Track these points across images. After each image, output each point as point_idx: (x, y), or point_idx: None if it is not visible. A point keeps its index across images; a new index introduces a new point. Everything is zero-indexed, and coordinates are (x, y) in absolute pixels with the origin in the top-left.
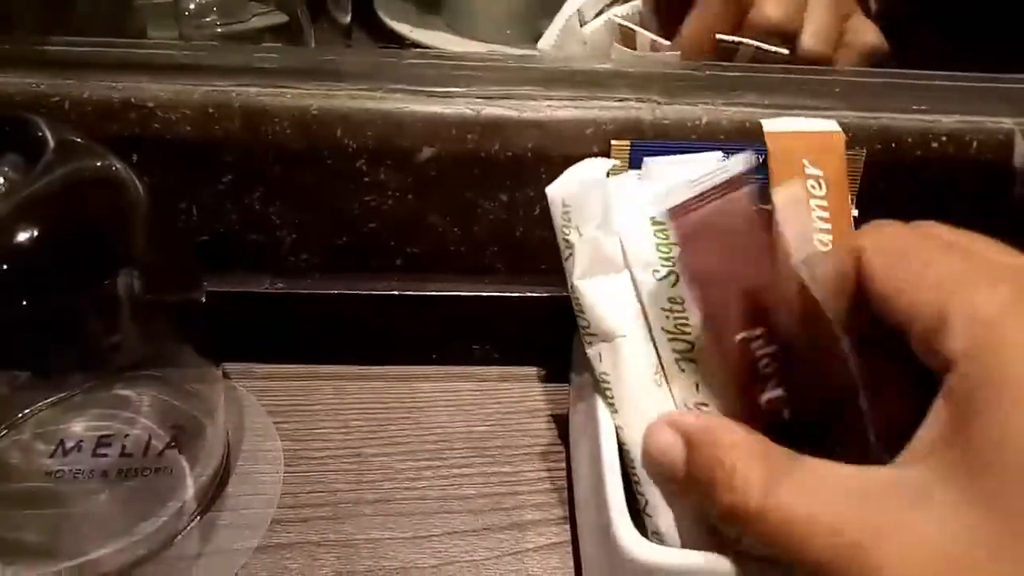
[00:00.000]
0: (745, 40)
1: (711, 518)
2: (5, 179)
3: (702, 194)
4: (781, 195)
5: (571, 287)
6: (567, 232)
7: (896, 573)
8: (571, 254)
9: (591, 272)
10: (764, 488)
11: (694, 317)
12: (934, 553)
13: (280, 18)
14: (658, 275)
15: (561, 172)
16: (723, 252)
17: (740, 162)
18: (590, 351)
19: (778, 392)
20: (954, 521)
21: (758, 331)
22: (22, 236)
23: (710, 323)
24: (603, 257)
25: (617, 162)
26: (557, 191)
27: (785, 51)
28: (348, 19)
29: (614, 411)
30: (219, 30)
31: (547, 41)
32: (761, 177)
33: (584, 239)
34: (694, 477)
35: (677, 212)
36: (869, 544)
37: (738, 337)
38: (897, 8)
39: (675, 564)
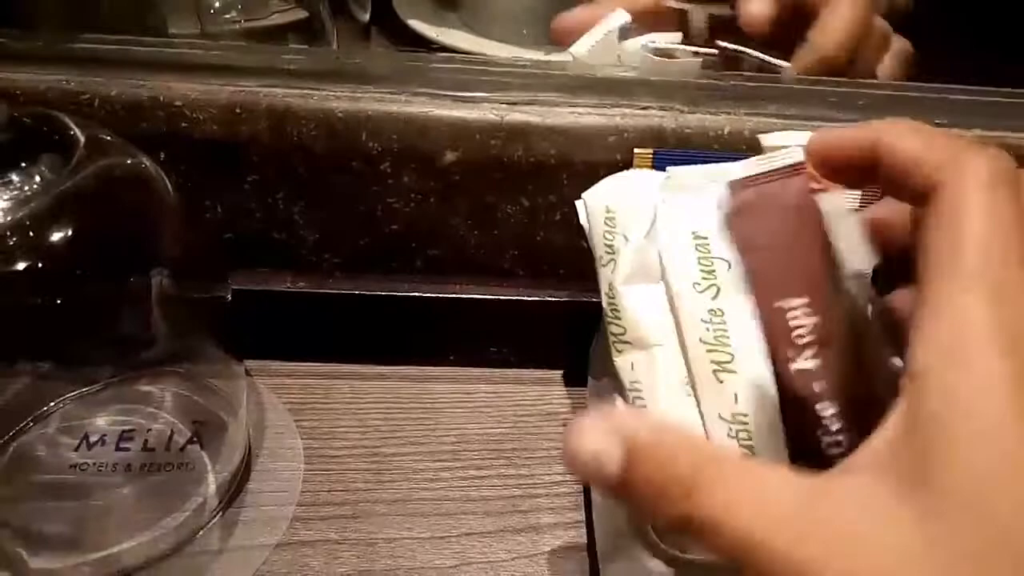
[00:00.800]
0: (747, 51)
1: (650, 522)
2: (40, 176)
3: (767, 172)
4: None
5: (609, 291)
6: (610, 238)
7: None
8: (613, 259)
9: (634, 279)
10: (718, 501)
11: (735, 326)
12: (878, 570)
13: (301, 14)
14: (699, 288)
15: (583, 178)
16: (776, 225)
17: (787, 155)
18: (620, 359)
19: (811, 364)
20: (896, 537)
21: (799, 301)
22: (56, 232)
23: (752, 287)
24: (648, 265)
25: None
26: (600, 197)
27: (786, 64)
28: (367, 16)
29: None
30: (240, 26)
31: (581, 47)
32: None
33: (631, 245)
34: (637, 485)
35: (738, 184)
36: (819, 563)
37: (776, 303)
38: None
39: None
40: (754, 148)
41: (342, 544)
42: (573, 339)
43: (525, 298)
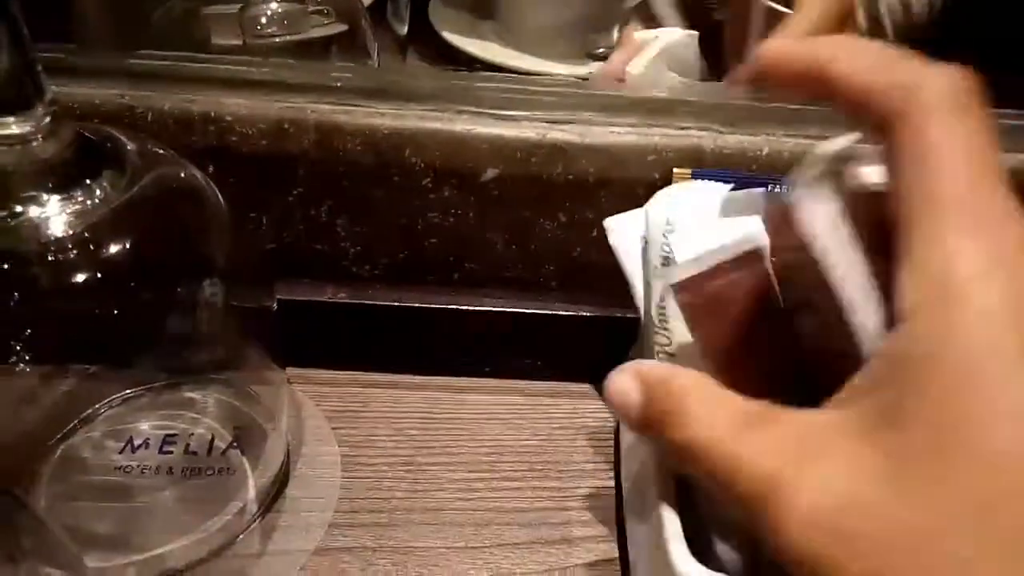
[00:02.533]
0: None
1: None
2: (100, 191)
3: (707, 271)
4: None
5: (661, 302)
6: (668, 249)
7: (803, 513)
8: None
9: None
10: (707, 426)
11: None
12: (843, 493)
13: (341, 27)
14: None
15: (621, 197)
16: (729, 323)
17: (745, 240)
18: None
19: None
20: (863, 467)
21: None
22: (113, 244)
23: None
24: None
25: None
26: (660, 208)
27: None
28: (406, 29)
29: None
30: (281, 40)
31: (637, 66)
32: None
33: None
34: (648, 417)
35: (681, 287)
36: (786, 481)
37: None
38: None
39: None
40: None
41: (378, 551)
42: (607, 353)
43: (561, 312)
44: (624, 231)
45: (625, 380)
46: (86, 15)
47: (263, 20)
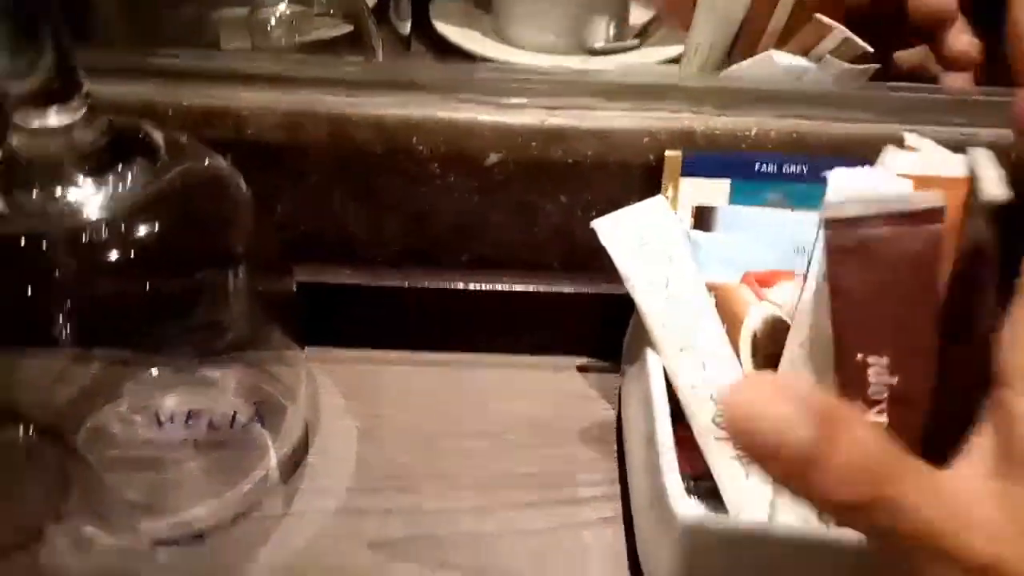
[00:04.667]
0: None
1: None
2: (132, 177)
3: (875, 215)
4: None
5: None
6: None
7: None
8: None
9: None
10: (925, 519)
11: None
12: None
13: (346, 28)
14: None
15: (618, 178)
16: (878, 276)
17: (924, 199)
18: None
19: (879, 419)
20: None
21: (882, 359)
22: (143, 226)
23: (837, 337)
24: None
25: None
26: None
27: (869, 49)
28: (408, 28)
29: None
30: (288, 41)
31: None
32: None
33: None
34: (827, 460)
35: (839, 224)
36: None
37: (858, 356)
38: None
39: (732, 527)
40: (780, 148)
41: (393, 513)
42: (608, 328)
43: (564, 290)
44: (614, 230)
45: (781, 406)
46: (100, 19)
47: (271, 23)
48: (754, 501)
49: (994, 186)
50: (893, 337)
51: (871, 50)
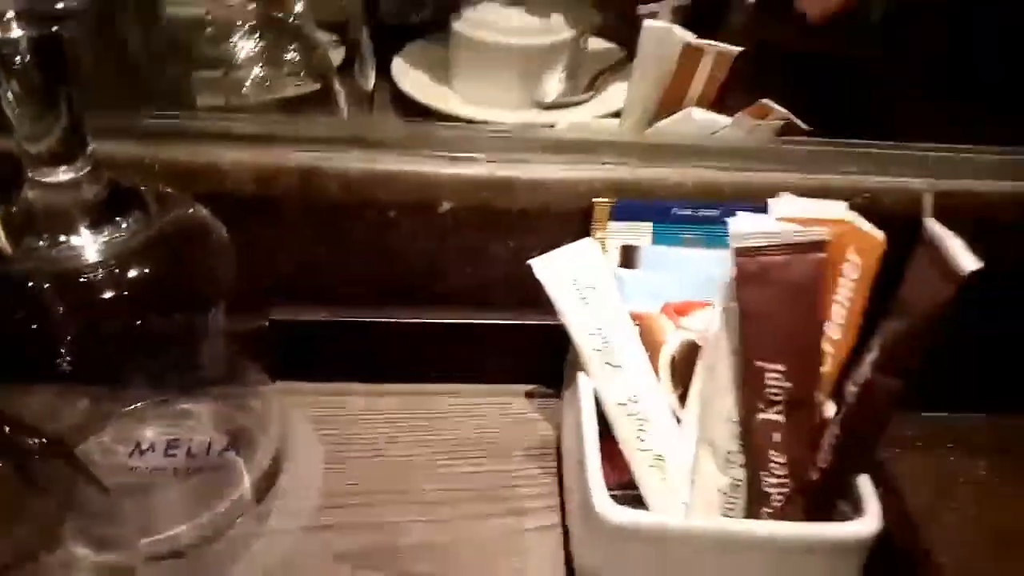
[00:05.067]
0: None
1: None
2: (126, 226)
3: (774, 246)
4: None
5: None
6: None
7: None
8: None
9: None
10: None
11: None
12: None
13: (314, 87)
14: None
15: (559, 223)
16: (772, 296)
17: (813, 233)
18: None
19: (775, 417)
20: None
21: (778, 366)
22: (137, 269)
23: (743, 349)
24: None
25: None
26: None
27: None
28: (371, 85)
29: None
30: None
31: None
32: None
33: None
34: None
35: (745, 252)
36: None
37: (757, 363)
38: None
39: (647, 526)
40: (694, 195)
41: (357, 528)
42: (554, 357)
43: (512, 323)
44: (550, 268)
45: None
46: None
47: (245, 83)
48: (673, 504)
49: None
50: (787, 348)
51: (810, 129)
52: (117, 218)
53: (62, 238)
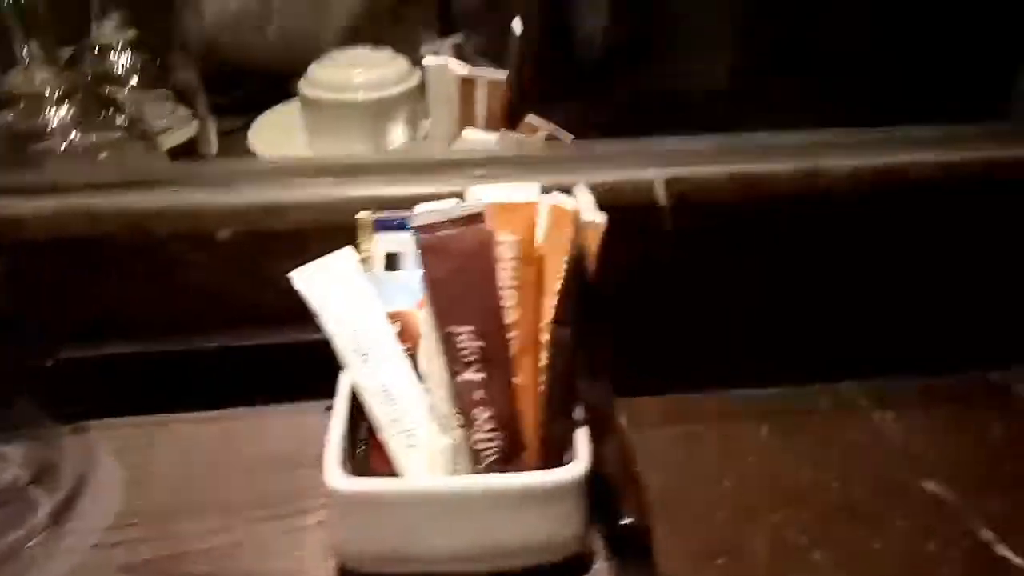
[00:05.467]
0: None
1: None
2: None
3: (445, 221)
4: None
5: None
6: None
7: None
8: None
9: None
10: None
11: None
12: None
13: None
14: None
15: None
16: (451, 265)
17: (472, 206)
18: None
19: (473, 376)
20: None
21: (465, 328)
22: None
23: (431, 316)
24: None
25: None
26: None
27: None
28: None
29: None
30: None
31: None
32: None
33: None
34: None
35: (423, 228)
36: None
37: (447, 328)
38: None
39: (370, 492)
40: None
41: (144, 540)
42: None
43: (300, 340)
44: (308, 278)
45: None
46: None
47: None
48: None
49: (589, 212)
50: (471, 310)
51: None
52: None
53: None
